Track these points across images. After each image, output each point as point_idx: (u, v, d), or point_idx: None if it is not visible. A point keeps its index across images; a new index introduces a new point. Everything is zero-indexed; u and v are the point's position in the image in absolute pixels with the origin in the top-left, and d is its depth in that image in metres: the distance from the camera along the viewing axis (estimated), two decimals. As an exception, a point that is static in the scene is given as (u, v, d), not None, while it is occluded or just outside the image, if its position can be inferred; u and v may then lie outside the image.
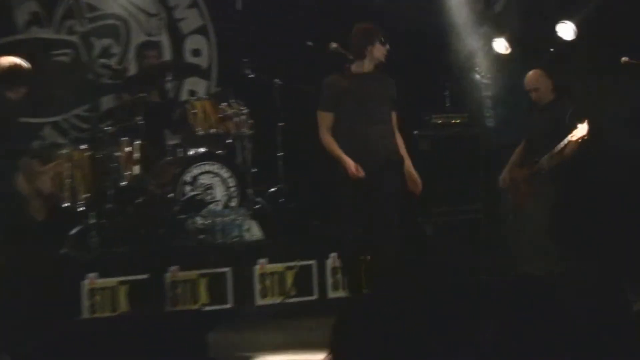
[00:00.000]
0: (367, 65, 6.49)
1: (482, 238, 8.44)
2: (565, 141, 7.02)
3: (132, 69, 8.83)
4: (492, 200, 8.22)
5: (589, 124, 6.87)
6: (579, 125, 6.93)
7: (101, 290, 6.93)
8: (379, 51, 6.47)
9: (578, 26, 8.09)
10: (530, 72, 7.52)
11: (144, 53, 8.76)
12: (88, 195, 7.50)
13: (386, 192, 6.34)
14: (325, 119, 6.44)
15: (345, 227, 6.42)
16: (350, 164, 6.25)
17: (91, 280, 6.92)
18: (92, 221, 7.28)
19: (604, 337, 4.15)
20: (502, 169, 7.70)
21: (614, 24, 7.94)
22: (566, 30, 8.18)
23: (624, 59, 6.97)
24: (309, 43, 7.89)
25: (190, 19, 9.46)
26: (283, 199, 8.25)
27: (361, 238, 6.39)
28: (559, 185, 7.32)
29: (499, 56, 8.77)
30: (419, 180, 6.50)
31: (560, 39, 8.22)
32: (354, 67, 6.50)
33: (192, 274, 7.12)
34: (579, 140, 6.94)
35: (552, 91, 7.46)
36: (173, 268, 7.09)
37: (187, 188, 7.69)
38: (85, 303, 6.89)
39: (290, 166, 8.33)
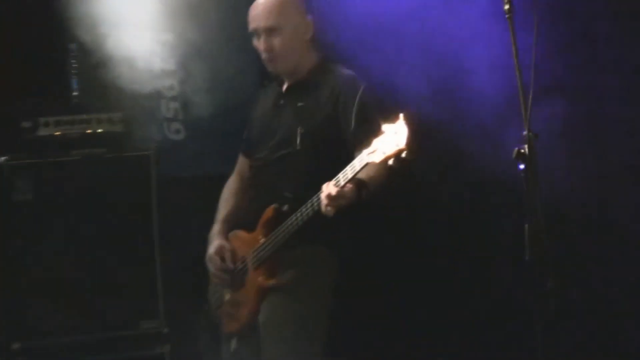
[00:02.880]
0: None
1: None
2: (358, 164, 3.87)
3: None
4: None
5: (409, 122, 3.66)
6: (387, 131, 3.73)
7: None
8: None
9: None
10: None
11: None
12: None
13: None
14: None
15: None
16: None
17: None
18: None
19: None
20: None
21: None
22: None
23: None
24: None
25: None
26: None
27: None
28: (342, 255, 4.18)
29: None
30: None
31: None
32: None
33: None
34: (388, 163, 3.80)
35: (311, 44, 4.28)
36: None
37: None
38: None
39: None
